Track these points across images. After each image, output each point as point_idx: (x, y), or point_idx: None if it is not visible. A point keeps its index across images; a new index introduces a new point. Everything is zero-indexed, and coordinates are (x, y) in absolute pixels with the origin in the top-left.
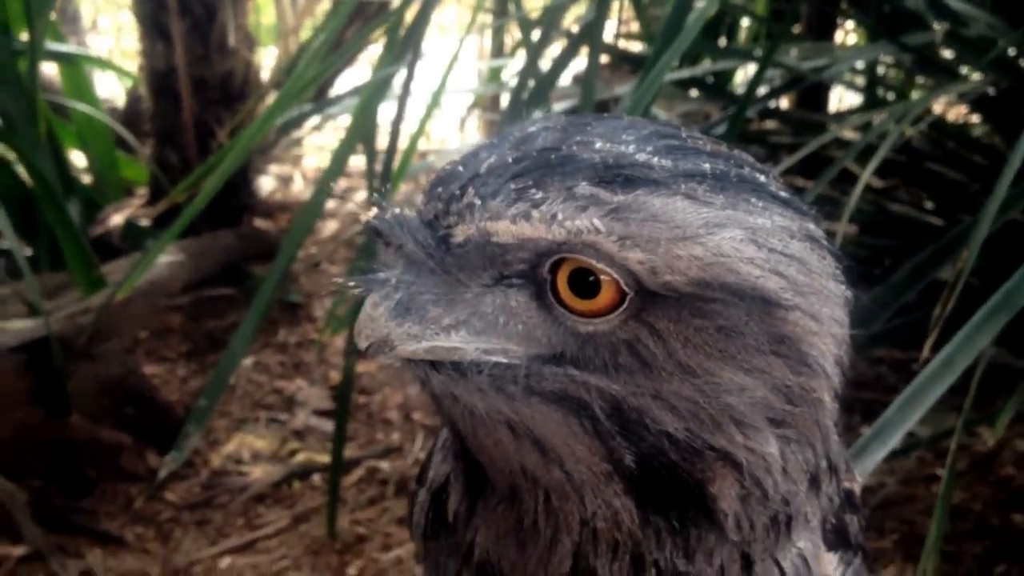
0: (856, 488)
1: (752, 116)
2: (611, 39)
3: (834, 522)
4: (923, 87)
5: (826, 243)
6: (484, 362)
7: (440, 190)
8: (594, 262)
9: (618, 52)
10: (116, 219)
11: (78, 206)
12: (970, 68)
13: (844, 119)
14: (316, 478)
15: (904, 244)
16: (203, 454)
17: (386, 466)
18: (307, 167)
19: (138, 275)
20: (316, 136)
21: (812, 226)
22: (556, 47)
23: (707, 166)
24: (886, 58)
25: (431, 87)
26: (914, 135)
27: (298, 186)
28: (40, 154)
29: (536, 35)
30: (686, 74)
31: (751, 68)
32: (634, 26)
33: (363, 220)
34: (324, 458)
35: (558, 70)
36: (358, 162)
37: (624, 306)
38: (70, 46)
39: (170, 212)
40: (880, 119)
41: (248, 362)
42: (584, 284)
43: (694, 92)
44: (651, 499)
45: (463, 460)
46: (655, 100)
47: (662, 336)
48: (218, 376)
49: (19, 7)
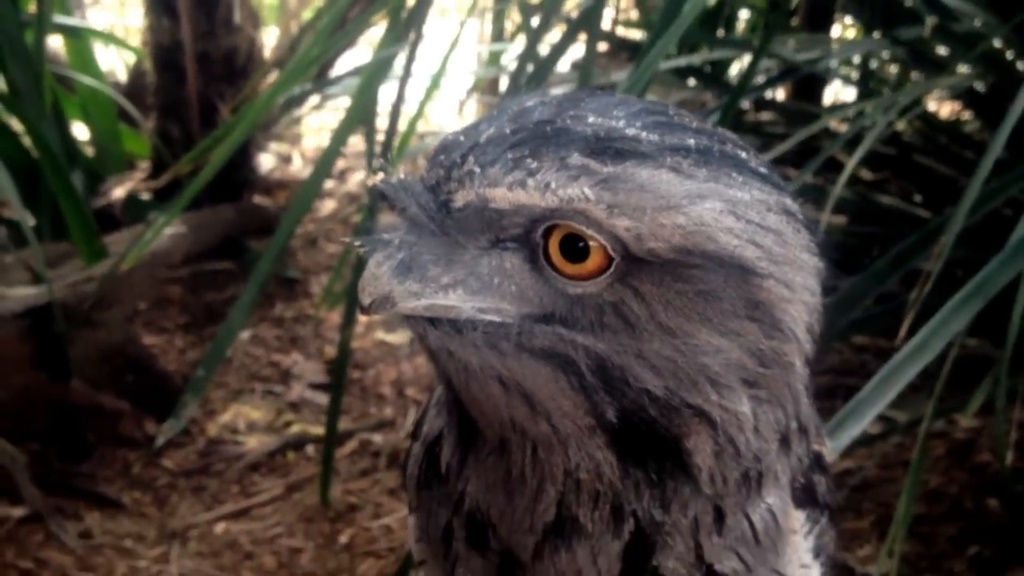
0: (825, 451)
1: (748, 107)
2: (610, 26)
3: (803, 481)
4: (918, 82)
5: (801, 217)
6: (479, 320)
7: (442, 157)
8: (584, 228)
9: (616, 39)
10: (118, 191)
11: (81, 177)
12: (959, 63)
13: (831, 110)
14: (310, 449)
15: (892, 234)
16: (200, 423)
17: (378, 439)
18: (306, 147)
19: (144, 246)
20: (315, 116)
21: (789, 201)
22: (556, 32)
23: (692, 141)
24: (883, 53)
25: (431, 70)
26: (905, 129)
27: (297, 165)
28: (45, 125)
29: (536, 21)
30: (683, 62)
31: (748, 59)
32: (633, 14)
33: (369, 184)
34: (318, 430)
35: (556, 56)
36: (357, 143)
37: (611, 270)
38: (76, 20)
39: (170, 186)
40: (868, 110)
41: (245, 335)
42: (574, 249)
43: (691, 81)
44: (631, 452)
45: (456, 414)
46: (652, 87)
47: (645, 299)
48: (216, 348)
49: None
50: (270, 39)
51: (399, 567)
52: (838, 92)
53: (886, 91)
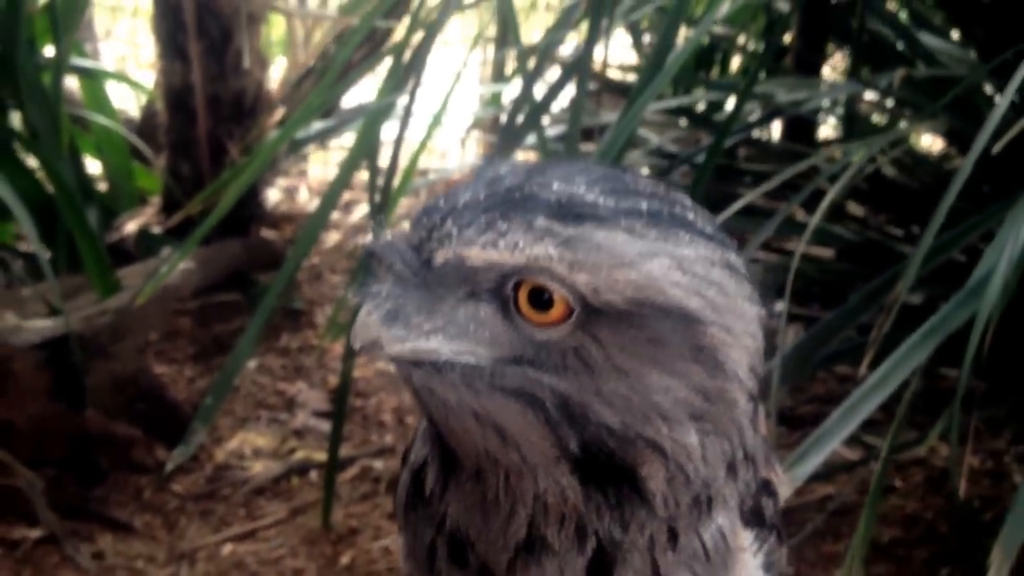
0: (775, 478)
1: (739, 146)
2: (604, 68)
3: (751, 504)
4: (900, 123)
5: (743, 271)
6: (457, 362)
7: (425, 220)
8: (548, 282)
9: (607, 81)
10: (131, 226)
11: (95, 213)
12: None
13: (820, 150)
14: (313, 474)
15: (875, 270)
16: (208, 449)
17: (379, 465)
18: (312, 180)
19: (159, 281)
20: (321, 150)
21: (732, 256)
22: (553, 73)
23: (644, 205)
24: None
25: (433, 107)
26: (889, 166)
27: (303, 197)
28: (62, 164)
29: (532, 64)
30: (674, 104)
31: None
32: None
33: (360, 244)
34: (321, 456)
35: (550, 98)
36: (361, 176)
37: (572, 319)
38: (90, 61)
39: (181, 220)
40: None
41: (252, 365)
42: (540, 300)
43: (683, 121)
44: (592, 479)
45: (438, 444)
46: (649, 126)
47: (603, 344)
48: (223, 377)
49: (44, 23)
50: (277, 70)
51: None
52: (831, 133)
53: (870, 131)
